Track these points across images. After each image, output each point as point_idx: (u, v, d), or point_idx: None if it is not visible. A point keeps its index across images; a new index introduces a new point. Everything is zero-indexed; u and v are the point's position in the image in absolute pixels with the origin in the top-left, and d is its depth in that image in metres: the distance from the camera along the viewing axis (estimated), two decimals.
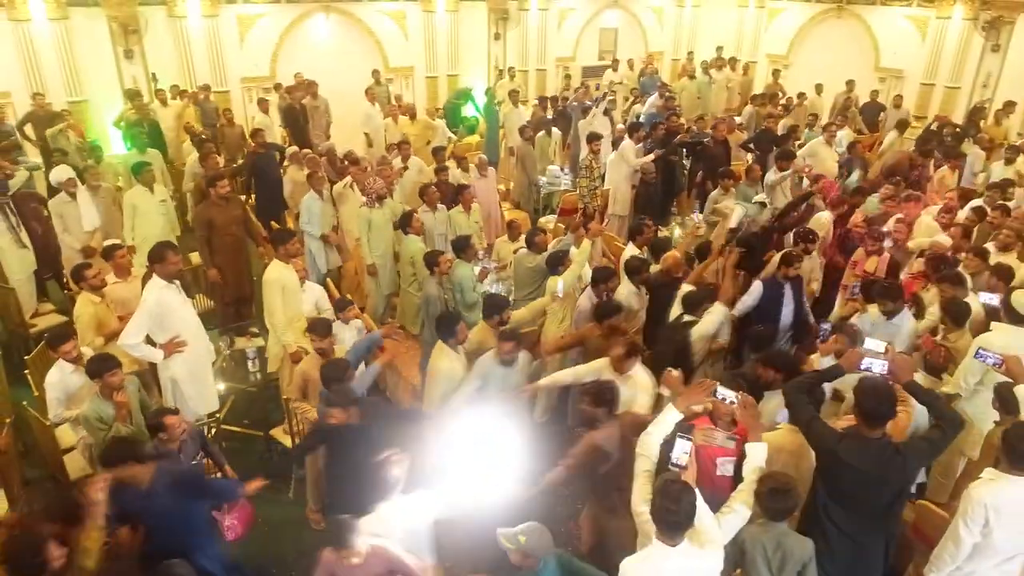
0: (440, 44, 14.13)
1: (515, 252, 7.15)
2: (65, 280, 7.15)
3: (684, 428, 3.56)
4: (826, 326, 4.95)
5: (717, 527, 3.08)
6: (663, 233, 7.56)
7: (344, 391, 4.16)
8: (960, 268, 5.56)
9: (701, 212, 9.24)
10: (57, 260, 7.25)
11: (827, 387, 4.16)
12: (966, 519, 3.20)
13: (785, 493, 3.18)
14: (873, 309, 5.09)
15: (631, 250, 6.52)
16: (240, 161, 9.93)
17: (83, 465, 4.75)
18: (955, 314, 4.81)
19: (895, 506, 3.53)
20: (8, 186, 6.84)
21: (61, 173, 6.98)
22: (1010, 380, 3.83)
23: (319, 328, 4.83)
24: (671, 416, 3.45)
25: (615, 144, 9.47)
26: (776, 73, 14.56)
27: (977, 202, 7.44)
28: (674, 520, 2.85)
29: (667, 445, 3.45)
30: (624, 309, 5.36)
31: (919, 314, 5.31)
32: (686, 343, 4.89)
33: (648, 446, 3.41)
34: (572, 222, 6.64)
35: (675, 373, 3.89)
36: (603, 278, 5.65)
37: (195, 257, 7.41)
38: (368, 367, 4.91)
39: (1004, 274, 5.21)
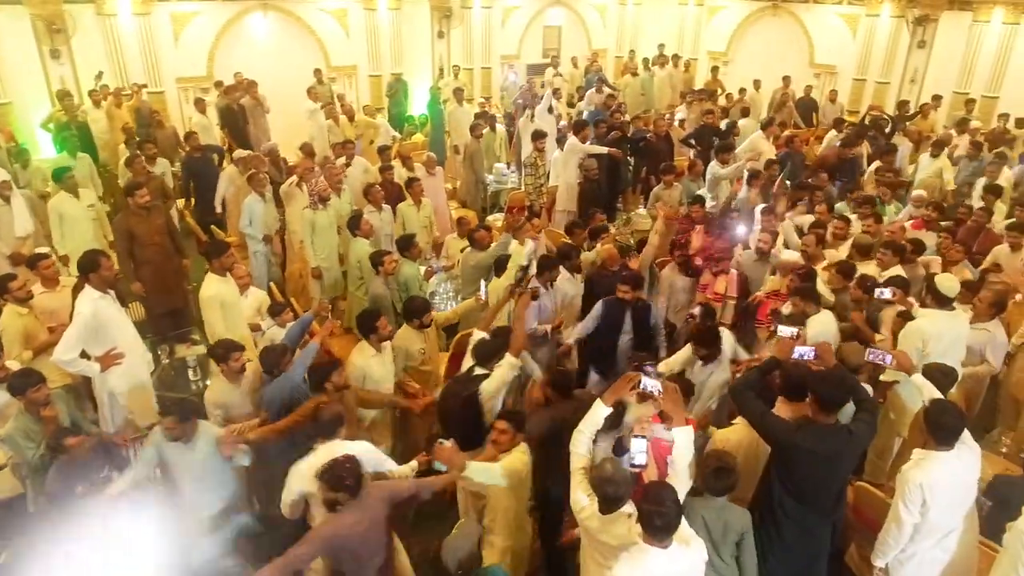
0: (383, 42, 13.96)
1: (462, 250, 7.16)
2: None
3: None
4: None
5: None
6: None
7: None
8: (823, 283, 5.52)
9: (646, 207, 9.39)
10: None
11: None
12: (905, 501, 3.31)
13: (728, 471, 3.28)
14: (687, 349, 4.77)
15: None
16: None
17: (13, 484, 4.54)
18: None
19: (843, 489, 3.68)
20: None
21: None
22: (938, 362, 4.00)
23: (217, 353, 4.55)
24: (600, 411, 3.46)
25: (559, 142, 9.52)
26: (715, 70, 14.86)
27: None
28: (665, 522, 2.82)
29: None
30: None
31: None
32: (475, 400, 4.29)
33: (580, 444, 3.43)
34: (512, 220, 6.64)
35: (447, 444, 3.56)
36: (547, 267, 5.72)
37: None
38: (304, 348, 4.79)
39: (845, 271, 5.49)
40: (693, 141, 9.97)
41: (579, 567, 3.57)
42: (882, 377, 4.54)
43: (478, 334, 4.78)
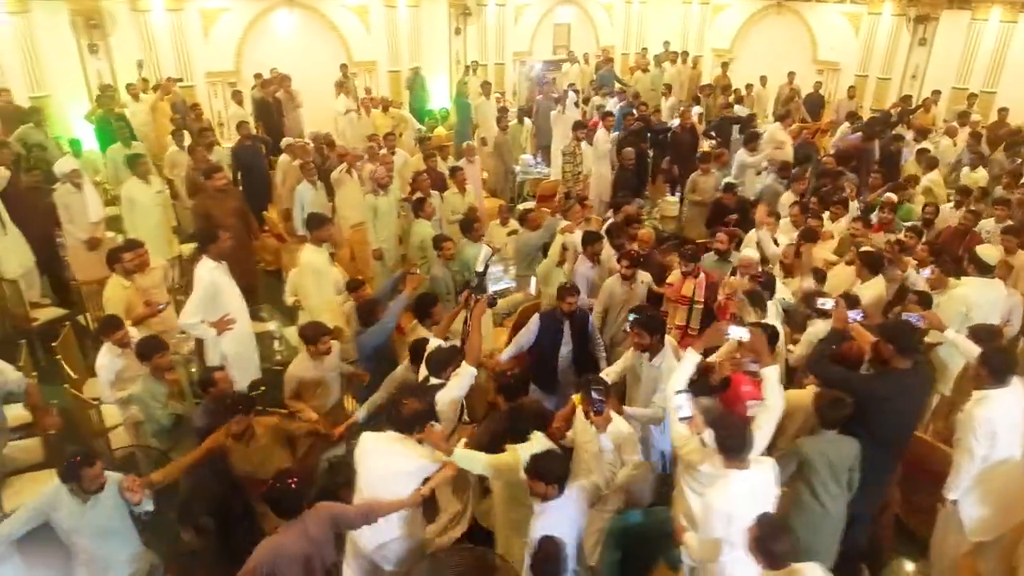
0: (402, 39, 14.31)
1: (508, 234, 7.60)
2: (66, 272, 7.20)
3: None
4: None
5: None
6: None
7: None
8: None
9: (672, 195, 9.87)
10: (55, 254, 7.22)
11: None
12: (976, 434, 3.75)
13: (843, 403, 3.70)
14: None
15: None
16: None
17: (129, 441, 4.91)
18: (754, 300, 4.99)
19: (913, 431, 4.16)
20: None
21: (66, 164, 7.00)
22: (985, 323, 4.49)
23: (307, 335, 4.83)
24: (691, 359, 3.90)
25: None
26: (725, 66, 15.32)
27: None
28: (740, 444, 3.30)
29: None
30: None
31: None
32: (431, 409, 4.09)
33: (673, 385, 3.86)
34: (559, 205, 7.09)
35: (437, 427, 3.64)
36: (591, 240, 6.12)
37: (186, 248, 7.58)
38: (395, 300, 5.18)
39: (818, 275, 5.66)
40: (713, 133, 10.45)
41: None
42: (927, 339, 5.01)
43: (434, 341, 4.66)
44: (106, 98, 10.41)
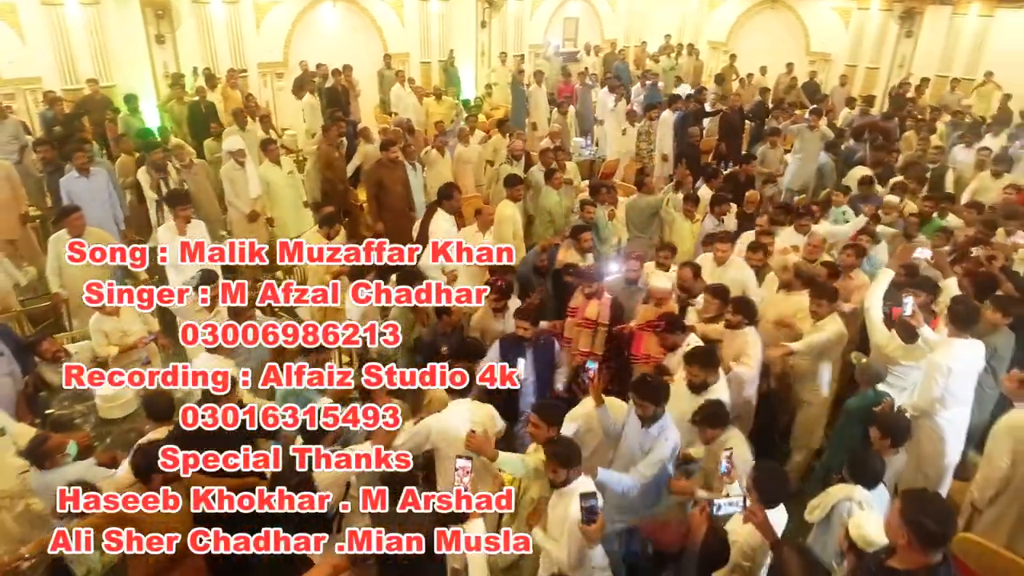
0: (433, 32, 14.99)
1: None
2: None
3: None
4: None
5: None
6: None
7: None
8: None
9: (725, 169, 10.90)
10: None
11: None
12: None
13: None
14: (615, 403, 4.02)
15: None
16: None
17: None
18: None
19: None
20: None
21: (233, 143, 7.50)
22: None
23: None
24: (886, 277, 4.86)
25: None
26: (733, 57, 16.49)
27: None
28: (971, 316, 4.19)
29: None
30: None
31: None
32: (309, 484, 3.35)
33: (874, 299, 4.81)
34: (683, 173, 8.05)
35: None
36: (720, 201, 7.10)
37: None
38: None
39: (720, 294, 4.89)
40: (751, 115, 11.55)
41: None
42: None
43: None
44: (179, 88, 10.81)
